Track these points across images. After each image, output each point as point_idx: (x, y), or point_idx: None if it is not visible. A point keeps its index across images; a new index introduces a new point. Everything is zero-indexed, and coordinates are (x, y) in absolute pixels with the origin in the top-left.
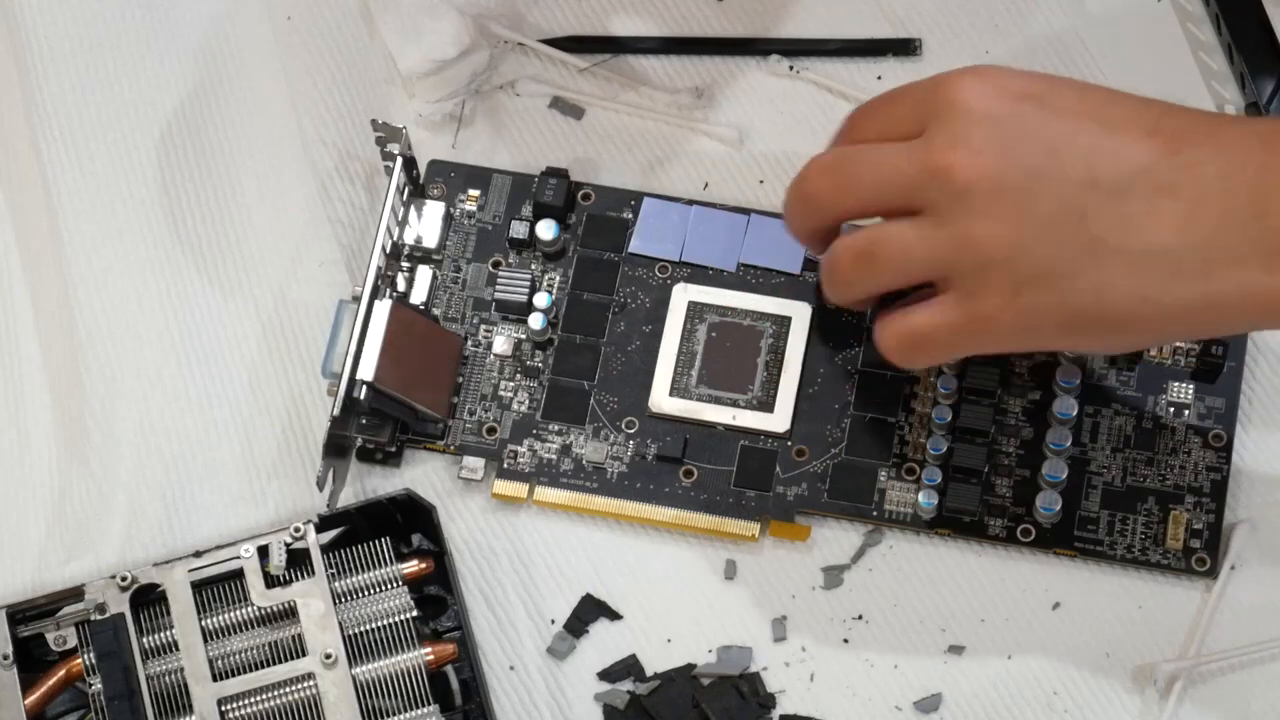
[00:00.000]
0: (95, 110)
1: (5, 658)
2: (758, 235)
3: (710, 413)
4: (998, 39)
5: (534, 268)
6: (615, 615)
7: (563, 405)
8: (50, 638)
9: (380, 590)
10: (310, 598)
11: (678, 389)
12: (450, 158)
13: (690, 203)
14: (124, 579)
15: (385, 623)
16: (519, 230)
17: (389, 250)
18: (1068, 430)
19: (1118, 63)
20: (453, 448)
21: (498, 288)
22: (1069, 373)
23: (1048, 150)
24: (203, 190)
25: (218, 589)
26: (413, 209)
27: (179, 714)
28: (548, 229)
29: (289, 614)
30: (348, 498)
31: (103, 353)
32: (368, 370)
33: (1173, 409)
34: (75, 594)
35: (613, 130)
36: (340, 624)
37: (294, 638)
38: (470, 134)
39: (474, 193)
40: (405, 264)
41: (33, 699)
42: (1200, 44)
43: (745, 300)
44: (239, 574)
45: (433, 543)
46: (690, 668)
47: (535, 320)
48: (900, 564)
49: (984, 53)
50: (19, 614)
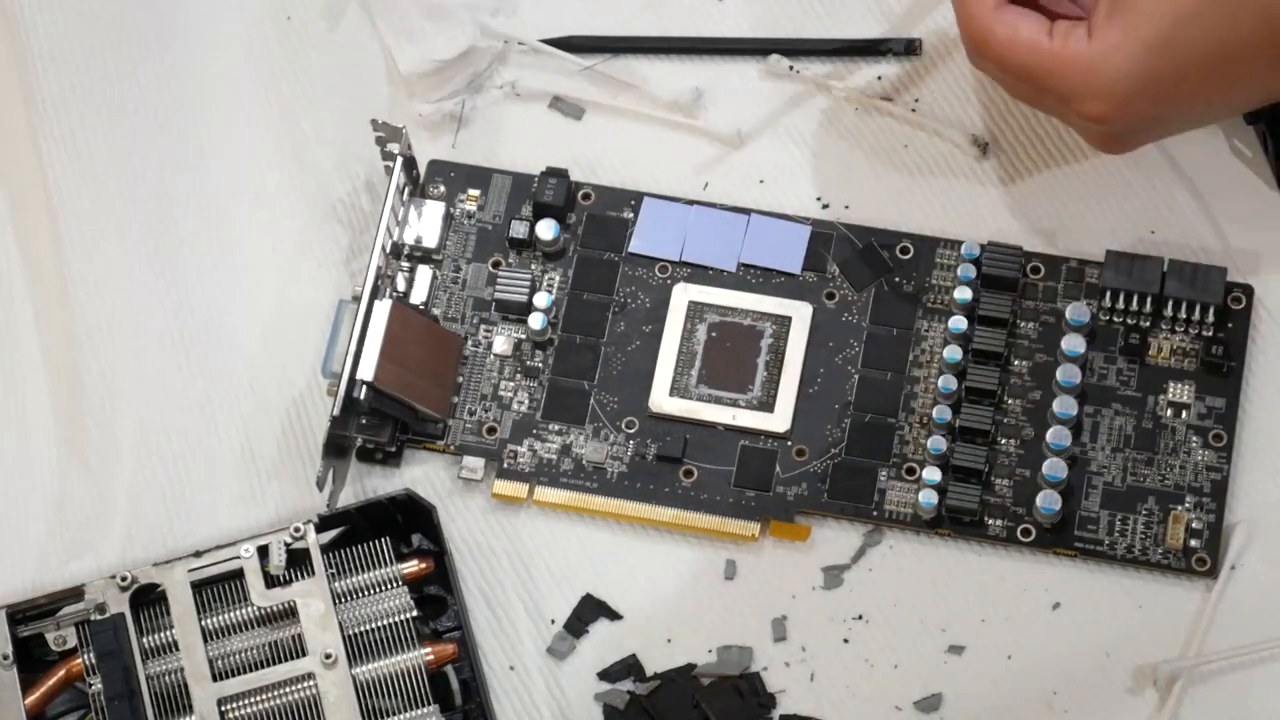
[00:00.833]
0: (95, 110)
1: (5, 658)
2: (758, 235)
3: (710, 413)
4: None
5: (534, 268)
6: (615, 615)
7: (563, 405)
8: (50, 638)
9: (380, 590)
10: (310, 598)
11: (678, 389)
12: (450, 158)
13: (690, 203)
14: (124, 579)
15: (385, 623)
16: (519, 230)
17: (389, 250)
18: (1068, 430)
19: None
20: (453, 448)
21: (498, 288)
22: (1069, 373)
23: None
24: (203, 190)
25: (218, 589)
26: (413, 209)
27: (179, 714)
28: (548, 229)
29: (289, 614)
30: (348, 498)
31: (103, 353)
32: (368, 370)
33: (1172, 409)
34: (75, 594)
35: (613, 130)
36: (340, 624)
37: (294, 638)
38: (470, 134)
39: (474, 193)
40: (405, 264)
41: (33, 699)
42: None
43: (745, 300)
44: (239, 574)
45: (433, 543)
46: (690, 668)
47: (535, 320)
48: (900, 564)
49: None
50: (19, 614)
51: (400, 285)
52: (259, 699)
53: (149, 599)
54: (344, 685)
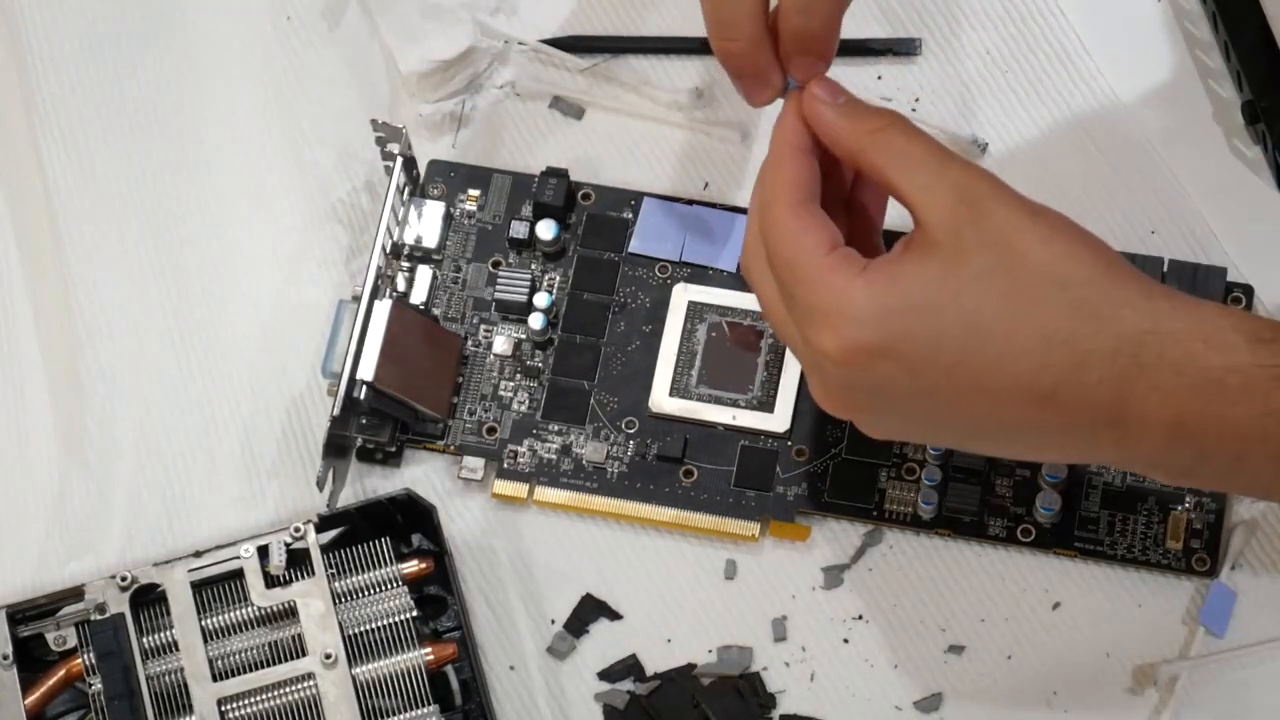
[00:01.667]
0: (95, 110)
1: (5, 658)
2: None
3: (710, 413)
4: (998, 39)
5: (534, 268)
6: (615, 615)
7: (563, 405)
8: (50, 638)
9: (380, 590)
10: (310, 598)
11: (678, 389)
12: (450, 158)
13: (690, 203)
14: (124, 579)
15: (385, 623)
16: (519, 230)
17: (389, 250)
18: None
19: (1115, 61)
20: (453, 448)
21: (498, 288)
22: None
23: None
24: (203, 190)
25: (218, 589)
26: (413, 209)
27: (179, 714)
28: (548, 229)
29: (289, 614)
30: (348, 498)
31: (103, 353)
32: (368, 370)
33: None
34: (75, 594)
35: (613, 130)
36: (340, 624)
37: (294, 638)
38: (470, 134)
39: (474, 193)
40: (405, 264)
41: (33, 699)
42: (1197, 42)
43: (745, 300)
44: (239, 574)
45: (433, 543)
46: (690, 668)
47: (535, 320)
48: (900, 564)
49: (984, 52)
50: (19, 614)
51: (400, 285)
52: (259, 699)
53: (149, 599)
54: (344, 685)
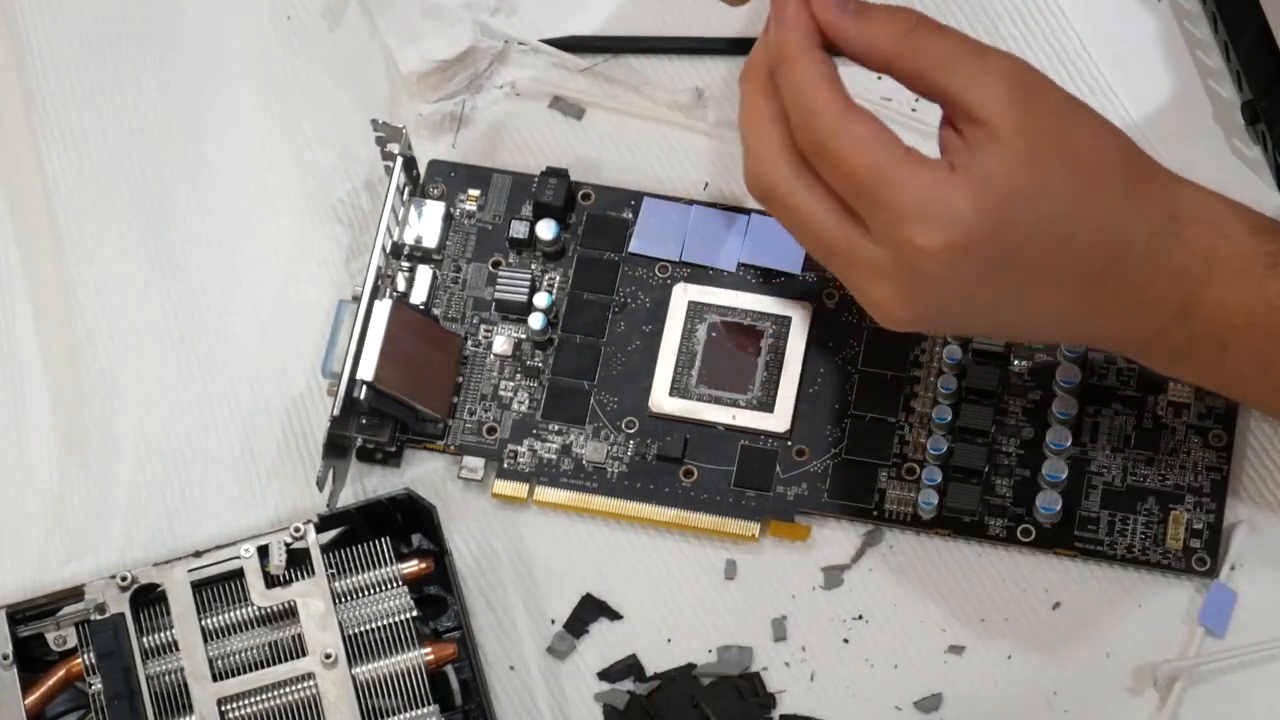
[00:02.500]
0: (95, 110)
1: (5, 658)
2: (758, 235)
3: (710, 413)
4: (997, 39)
5: (534, 268)
6: (615, 615)
7: (563, 405)
8: (50, 638)
9: (380, 590)
10: (310, 598)
11: (678, 389)
12: (450, 158)
13: (690, 203)
14: (124, 579)
15: (385, 623)
16: (519, 230)
17: (389, 250)
18: (1068, 430)
19: (1116, 61)
20: (453, 448)
21: (498, 288)
22: (1069, 373)
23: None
24: (202, 190)
25: (218, 589)
26: (413, 209)
27: (179, 714)
28: (548, 229)
29: (289, 614)
30: (348, 498)
31: (103, 353)
32: (368, 370)
33: (1172, 409)
34: (75, 594)
35: (613, 130)
36: (340, 624)
37: (294, 638)
38: (470, 134)
39: (474, 193)
40: (405, 264)
41: (33, 699)
42: (1197, 42)
43: (745, 300)
44: (239, 574)
45: (433, 543)
46: (690, 668)
47: (535, 320)
48: (900, 564)
49: None
50: (19, 614)
51: (400, 285)
52: (259, 699)
53: (149, 599)
54: (344, 685)
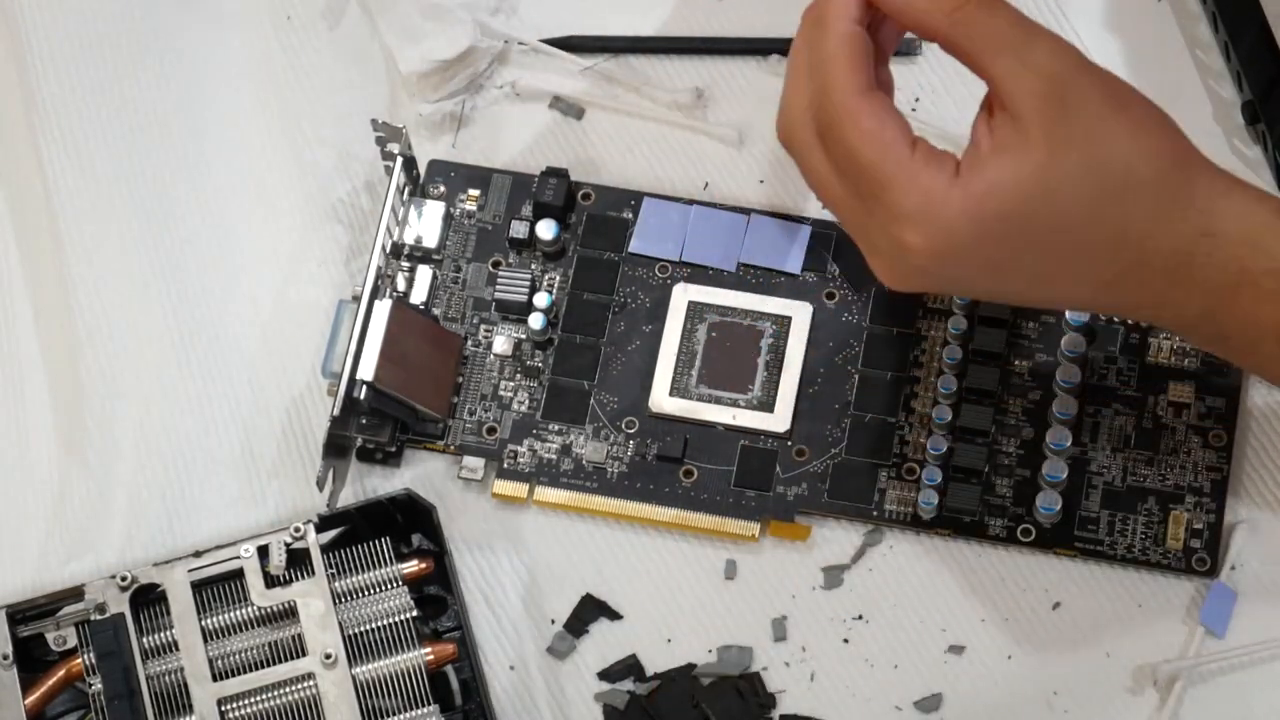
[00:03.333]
0: (95, 110)
1: (5, 658)
2: (758, 235)
3: (710, 413)
4: None
5: (534, 268)
6: (615, 615)
7: (563, 405)
8: (50, 638)
9: (380, 590)
10: (310, 598)
11: (678, 389)
12: (450, 158)
13: (690, 203)
14: (124, 579)
15: (385, 623)
16: (519, 230)
17: (389, 250)
18: (1068, 430)
19: (1116, 61)
20: (453, 448)
21: (498, 288)
22: (1069, 373)
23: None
24: (203, 190)
25: (218, 589)
26: (413, 209)
27: (179, 714)
28: (548, 229)
29: (289, 614)
30: (348, 498)
31: (103, 353)
32: (368, 370)
33: (1172, 409)
34: (75, 594)
35: (613, 130)
36: (340, 624)
37: (294, 638)
38: (470, 134)
39: (474, 193)
40: (405, 264)
41: (33, 699)
42: (1197, 41)
43: (745, 300)
44: (239, 574)
45: (433, 543)
46: (690, 668)
47: (535, 320)
48: (900, 564)
49: None
50: (19, 614)
51: (400, 285)
52: (259, 699)
53: (149, 599)
54: (344, 685)
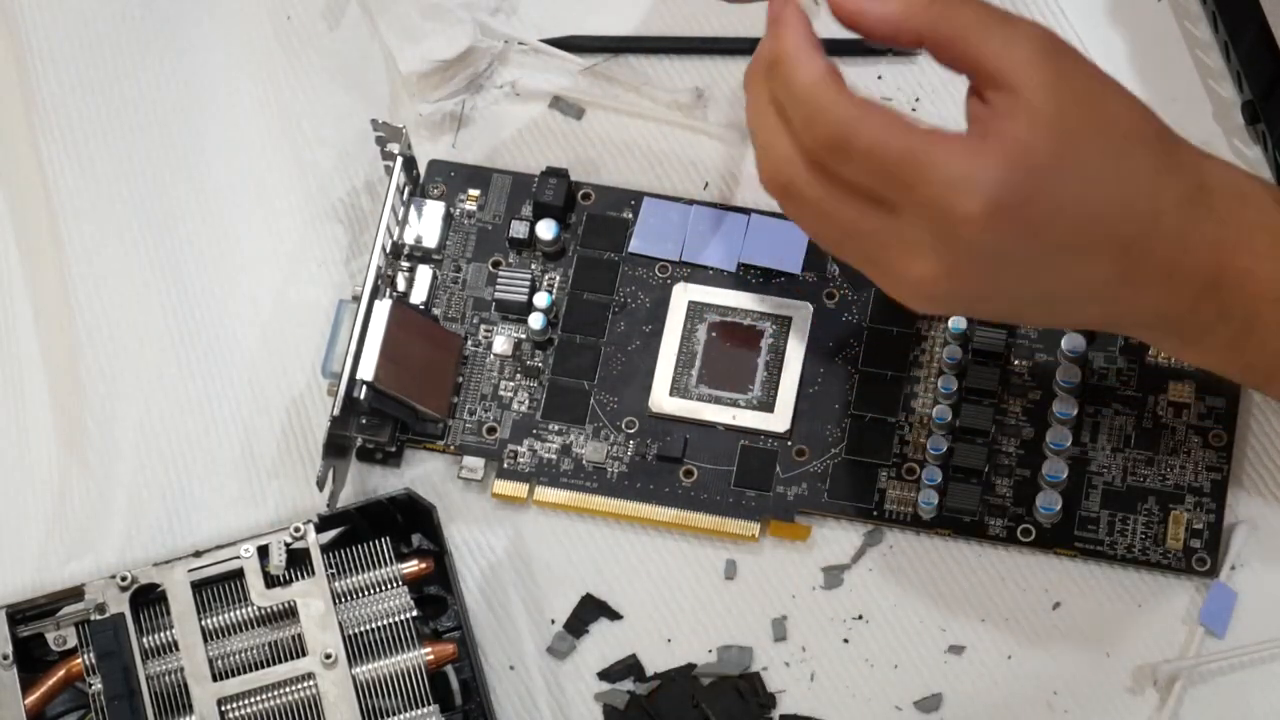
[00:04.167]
0: (95, 110)
1: (5, 658)
2: (758, 235)
3: (710, 413)
4: None
5: (534, 268)
6: (615, 615)
7: (563, 405)
8: (50, 638)
9: (380, 590)
10: (310, 598)
11: (678, 389)
12: (450, 158)
13: (690, 203)
14: (124, 579)
15: (385, 623)
16: (519, 230)
17: (389, 250)
18: (1068, 430)
19: (1115, 61)
20: (453, 448)
21: (498, 288)
22: (1069, 373)
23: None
24: (202, 190)
25: (218, 589)
26: (413, 209)
27: (179, 714)
28: (548, 229)
29: (289, 614)
30: (348, 498)
31: (103, 353)
32: (368, 370)
33: (1172, 409)
34: (75, 594)
35: (613, 130)
36: (340, 624)
37: (294, 638)
38: (470, 134)
39: (474, 193)
40: (405, 264)
41: (33, 699)
42: (1197, 41)
43: (745, 300)
44: (239, 574)
45: (433, 543)
46: (690, 668)
47: (535, 320)
48: (900, 564)
49: None
50: (19, 614)
51: (400, 285)
52: (259, 699)
53: (149, 599)
54: (344, 685)
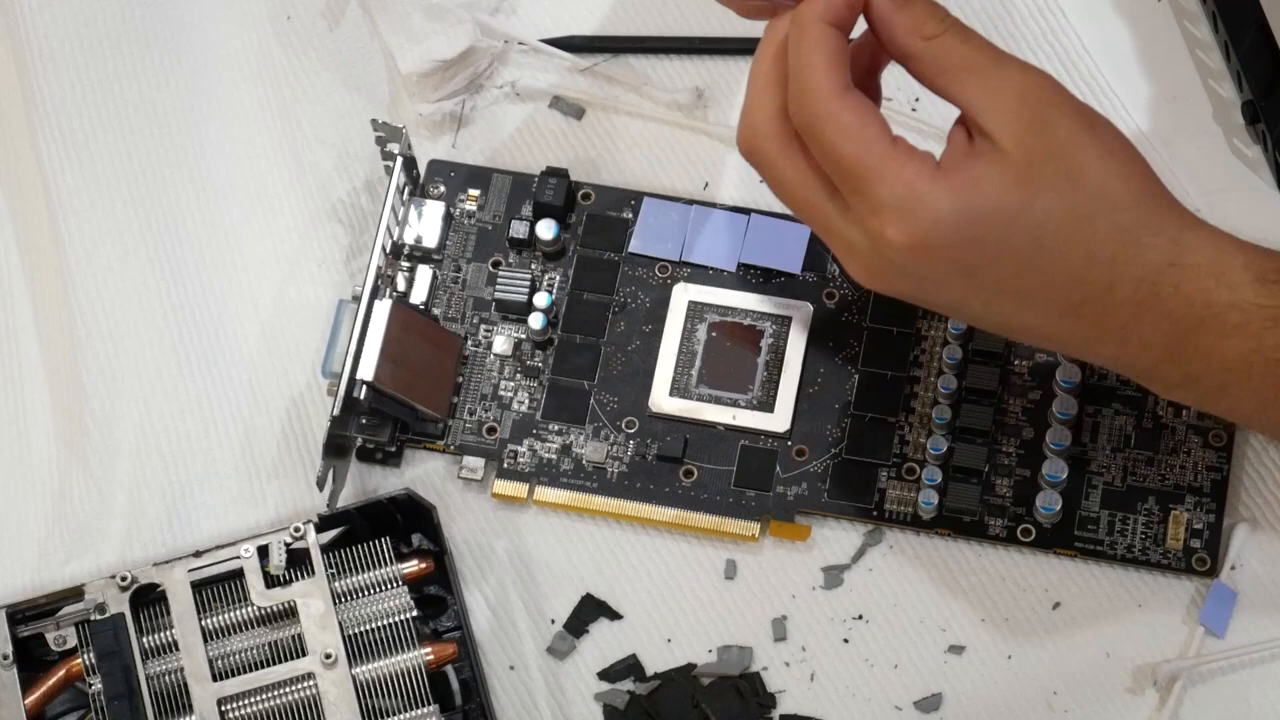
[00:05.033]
0: (95, 110)
1: (5, 658)
2: (758, 235)
3: (710, 413)
4: (997, 39)
5: (534, 268)
6: (615, 615)
7: (563, 405)
8: (50, 638)
9: (380, 590)
10: (310, 598)
11: (678, 389)
12: (450, 158)
13: (690, 203)
14: (124, 579)
15: (385, 623)
16: (519, 230)
17: (389, 250)
18: (1068, 430)
19: (1115, 61)
20: (453, 448)
21: (498, 288)
22: (1069, 373)
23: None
24: (202, 190)
25: (218, 589)
26: (413, 209)
27: (179, 714)
28: (548, 229)
29: (289, 614)
30: (348, 498)
31: (103, 353)
32: (368, 370)
33: (1172, 409)
34: (75, 594)
35: (613, 130)
36: (340, 624)
37: (294, 638)
38: (470, 134)
39: (474, 192)
40: (405, 264)
41: (33, 699)
42: (1197, 41)
43: (745, 300)
44: (239, 574)
45: (433, 543)
46: (690, 668)
47: (535, 320)
48: (900, 564)
49: None
50: (19, 614)
51: (400, 285)
52: (259, 699)
53: (149, 599)
54: (344, 685)
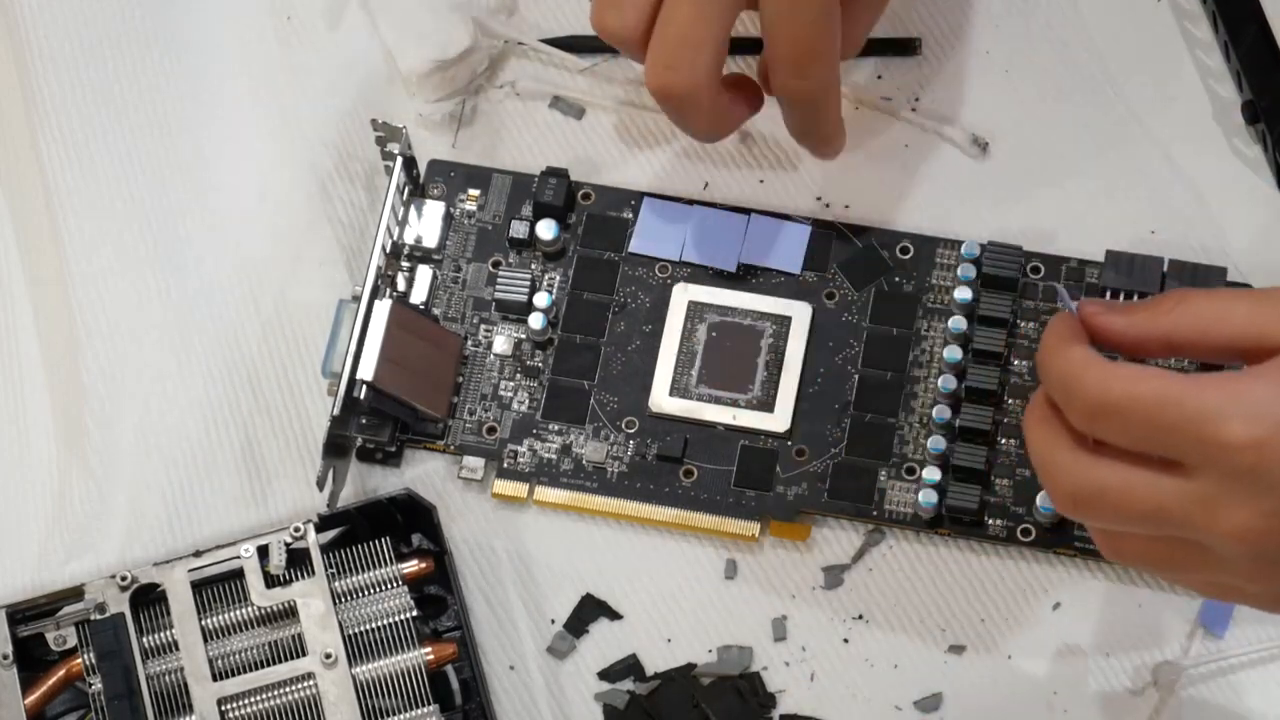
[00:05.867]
0: (95, 110)
1: (5, 658)
2: (758, 235)
3: (710, 413)
4: (998, 38)
5: (534, 268)
6: (615, 615)
7: (563, 405)
8: (50, 638)
9: (380, 590)
10: (310, 597)
11: (678, 389)
12: (450, 158)
13: (690, 203)
14: (124, 579)
15: (385, 623)
16: (519, 230)
17: (389, 250)
18: None
19: (1116, 61)
20: (453, 448)
21: (498, 287)
22: None
23: None
24: (202, 190)
25: (218, 589)
26: (413, 209)
27: (179, 714)
28: (548, 229)
29: (289, 614)
30: (348, 498)
31: (103, 353)
32: (368, 370)
33: None
34: (75, 594)
35: (613, 130)
36: (340, 624)
37: (294, 637)
38: (470, 134)
39: (474, 192)
40: (405, 264)
41: (33, 699)
42: (1197, 41)
43: (745, 300)
44: (239, 574)
45: (433, 543)
46: (690, 668)
47: (535, 320)
48: (900, 564)
49: (984, 52)
50: (19, 614)
51: (400, 285)
52: (259, 699)
53: (149, 599)
54: (344, 685)
